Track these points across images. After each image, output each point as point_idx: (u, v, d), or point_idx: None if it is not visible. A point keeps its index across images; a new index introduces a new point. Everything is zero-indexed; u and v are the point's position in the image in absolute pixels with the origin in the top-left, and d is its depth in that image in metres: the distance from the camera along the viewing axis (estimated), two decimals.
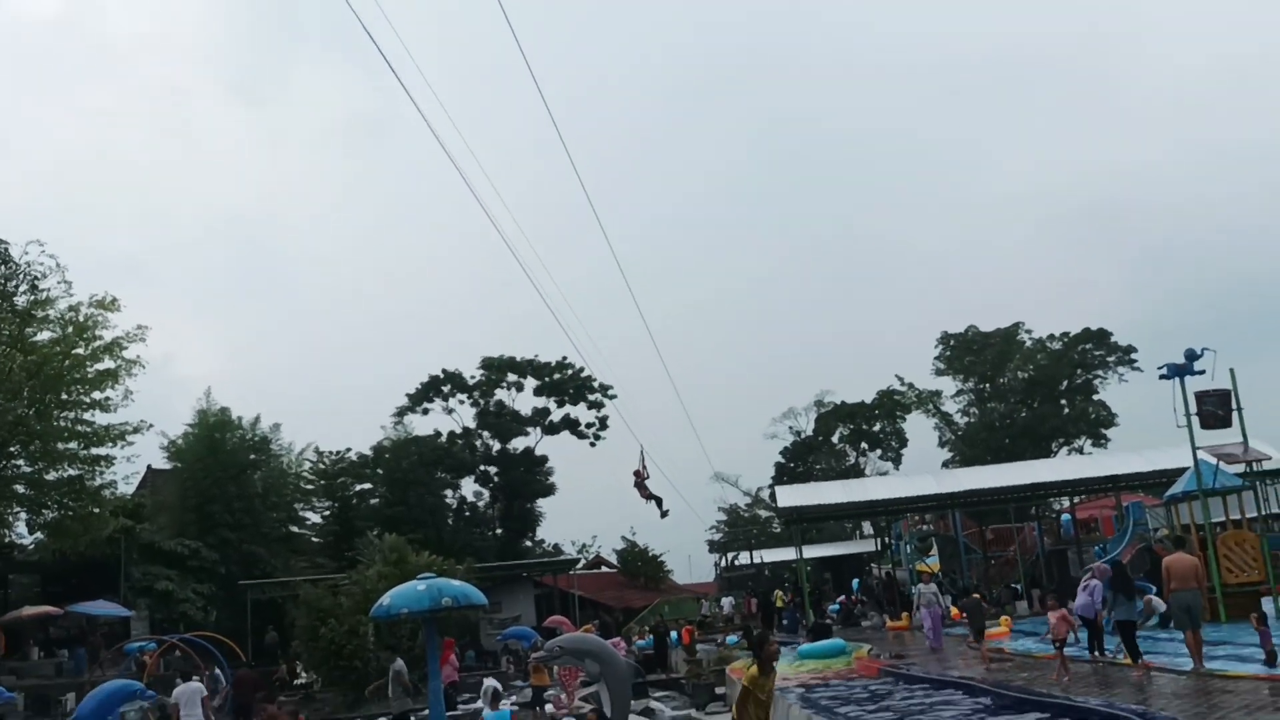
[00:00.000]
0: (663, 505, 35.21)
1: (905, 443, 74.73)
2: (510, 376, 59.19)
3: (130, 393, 31.78)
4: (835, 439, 76.49)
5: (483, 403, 59.01)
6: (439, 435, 56.84)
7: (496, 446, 58.45)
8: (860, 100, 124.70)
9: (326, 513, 49.88)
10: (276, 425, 45.20)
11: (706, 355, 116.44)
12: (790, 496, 39.73)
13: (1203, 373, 21.45)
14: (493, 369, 58.97)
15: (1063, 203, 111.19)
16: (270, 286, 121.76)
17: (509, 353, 59.44)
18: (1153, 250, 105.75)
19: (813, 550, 57.53)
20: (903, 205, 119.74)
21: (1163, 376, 21.73)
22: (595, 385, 58.76)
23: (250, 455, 43.64)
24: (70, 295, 31.12)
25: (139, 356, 31.80)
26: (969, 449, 68.07)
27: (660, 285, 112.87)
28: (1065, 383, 69.06)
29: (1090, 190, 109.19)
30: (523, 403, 59.56)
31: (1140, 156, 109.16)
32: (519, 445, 58.74)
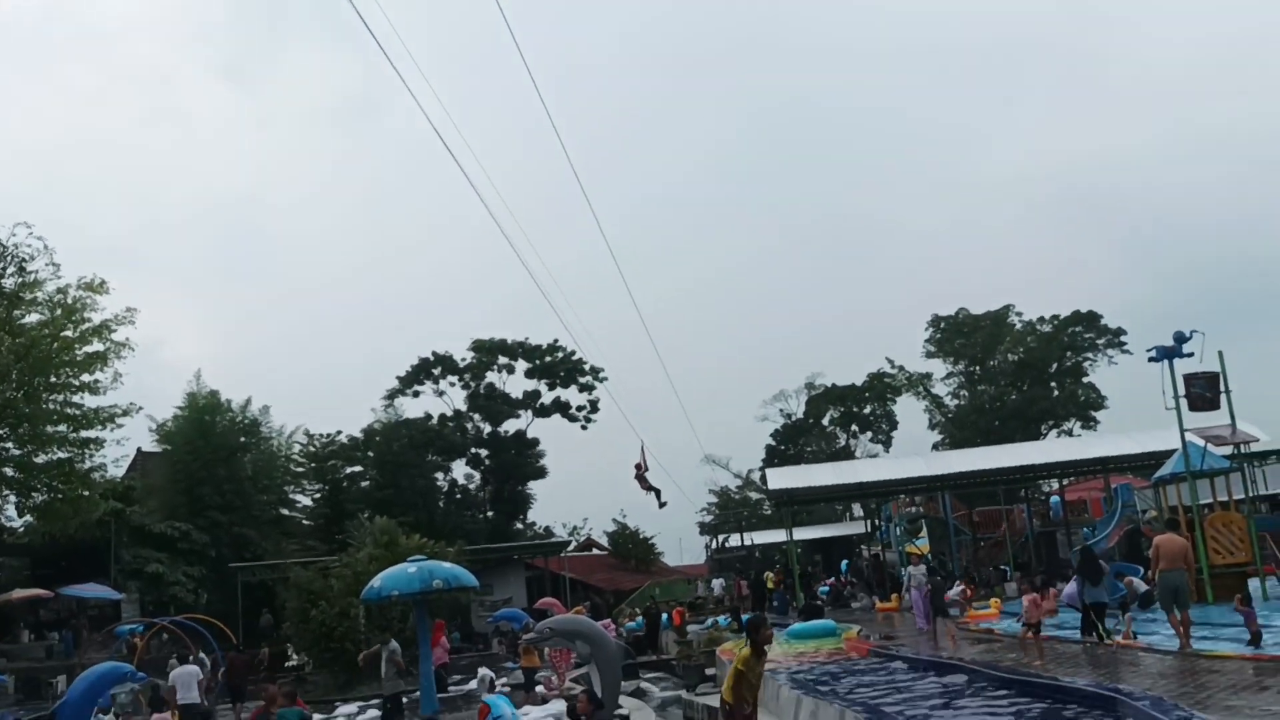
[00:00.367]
0: (661, 496, 36.36)
1: (895, 425, 75.01)
2: (501, 359, 59.04)
3: (119, 375, 31.67)
4: (826, 421, 76.65)
5: (473, 385, 58.91)
6: (429, 418, 56.73)
7: (487, 429, 58.41)
8: (851, 80, 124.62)
9: (317, 495, 49.82)
10: (266, 408, 45.14)
11: (697, 337, 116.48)
12: (781, 479, 39.78)
13: (1191, 355, 21.50)
14: (483, 351, 58.83)
15: (1053, 184, 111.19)
16: (260, 268, 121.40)
17: (500, 335, 59.45)
18: (1143, 232, 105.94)
19: (803, 532, 57.70)
20: (893, 186, 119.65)
21: (1151, 359, 21.77)
22: (586, 368, 58.76)
23: (240, 438, 43.53)
24: (58, 278, 30.97)
25: (128, 339, 31.69)
26: (959, 431, 68.27)
27: (651, 266, 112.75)
28: (1055, 365, 69.23)
29: (1080, 172, 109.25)
30: (514, 385, 59.56)
31: (1130, 138, 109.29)
32: (510, 428, 58.70)
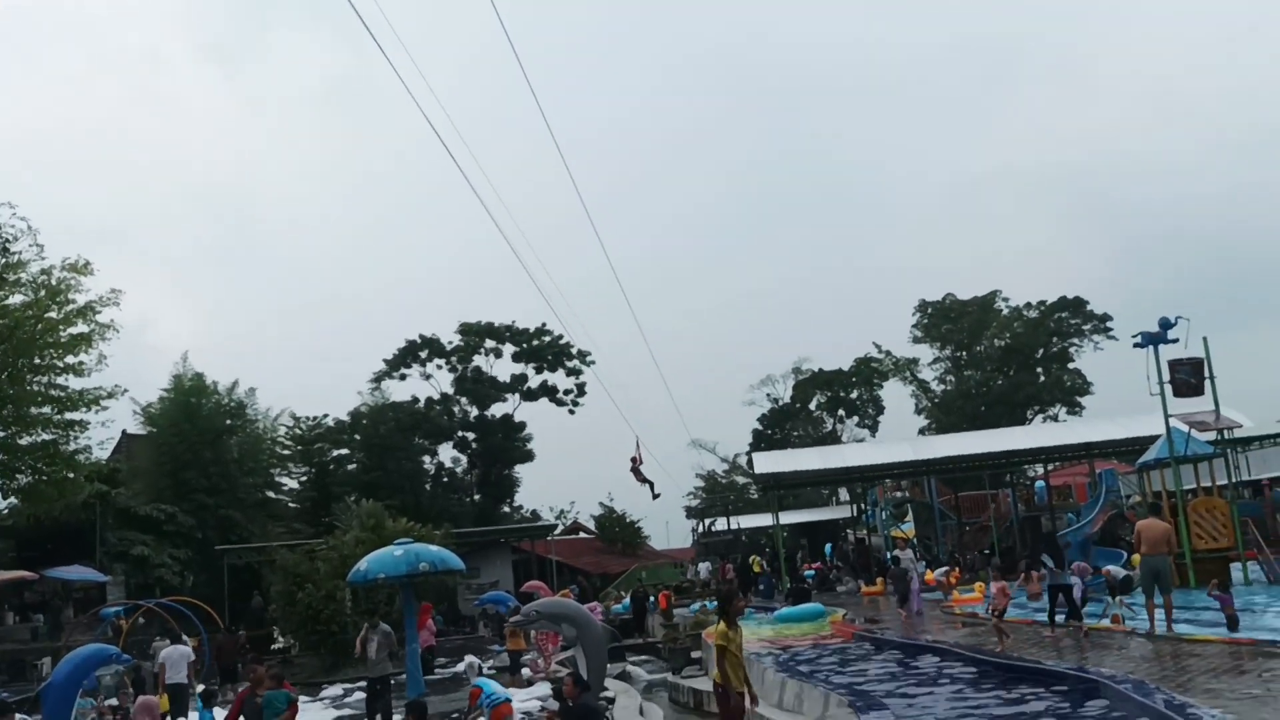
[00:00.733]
0: (655, 488, 36.99)
1: (882, 410, 75.18)
2: (488, 343, 58.94)
3: (104, 357, 31.55)
4: (813, 406, 76.77)
5: (460, 368, 58.79)
6: (416, 401, 56.61)
7: (474, 412, 58.35)
8: (840, 69, 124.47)
9: (304, 478, 49.76)
10: (252, 390, 44.98)
11: (685, 321, 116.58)
12: (767, 463, 39.88)
13: (1176, 341, 21.57)
14: (470, 335, 58.71)
15: (1041, 171, 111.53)
16: (247, 251, 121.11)
17: (487, 318, 59.36)
18: (1129, 219, 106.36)
19: (789, 516, 57.92)
20: (882, 172, 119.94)
21: (1137, 345, 21.84)
22: (574, 352, 58.71)
23: (226, 420, 43.41)
24: (42, 259, 30.81)
25: (112, 321, 31.55)
26: (945, 416, 68.45)
27: (639, 251, 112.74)
28: (1041, 351, 69.42)
29: (1068, 159, 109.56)
30: (501, 369, 59.47)
31: (1118, 126, 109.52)
32: (497, 411, 58.67)
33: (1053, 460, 42.22)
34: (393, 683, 19.46)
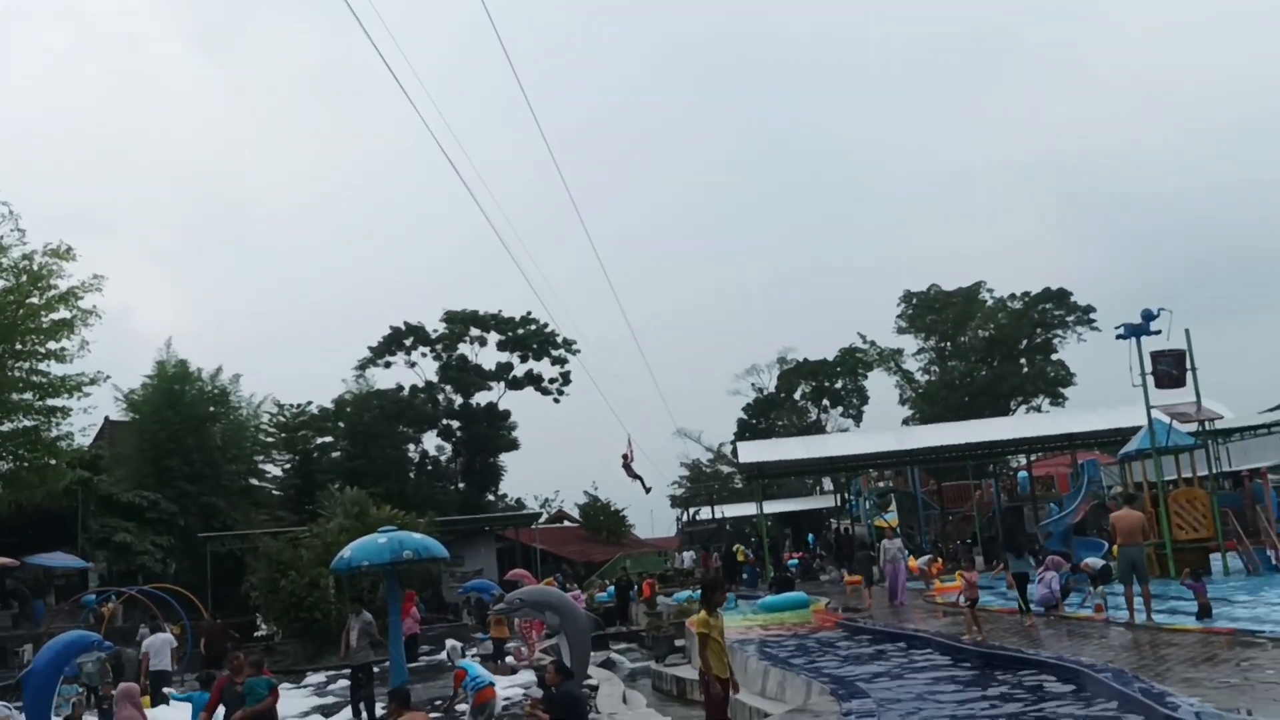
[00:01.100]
0: (645, 483, 38.20)
1: (866, 400, 75.31)
2: (473, 331, 58.87)
3: (86, 343, 31.38)
4: (797, 396, 76.88)
5: (445, 356, 58.70)
6: (401, 389, 56.48)
7: (459, 401, 58.28)
8: (827, 60, 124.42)
9: (287, 466, 49.65)
10: (236, 377, 44.86)
11: (670, 310, 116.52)
12: (752, 452, 39.85)
13: (1159, 333, 21.68)
14: (455, 323, 58.59)
15: (1026, 163, 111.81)
16: (231, 237, 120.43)
17: (472, 307, 59.27)
18: (1114, 211, 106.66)
19: (773, 505, 58.00)
20: (867, 163, 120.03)
21: (1119, 336, 21.96)
22: (559, 340, 58.65)
23: (210, 407, 43.26)
24: (24, 244, 30.59)
25: (95, 307, 31.36)
26: (929, 407, 68.63)
27: (625, 242, 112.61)
28: (1025, 342, 69.63)
29: (1053, 151, 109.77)
30: (486, 357, 59.46)
31: (1103, 118, 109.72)
32: (482, 400, 58.64)
33: (1035, 451, 42.38)
34: (376, 670, 19.48)
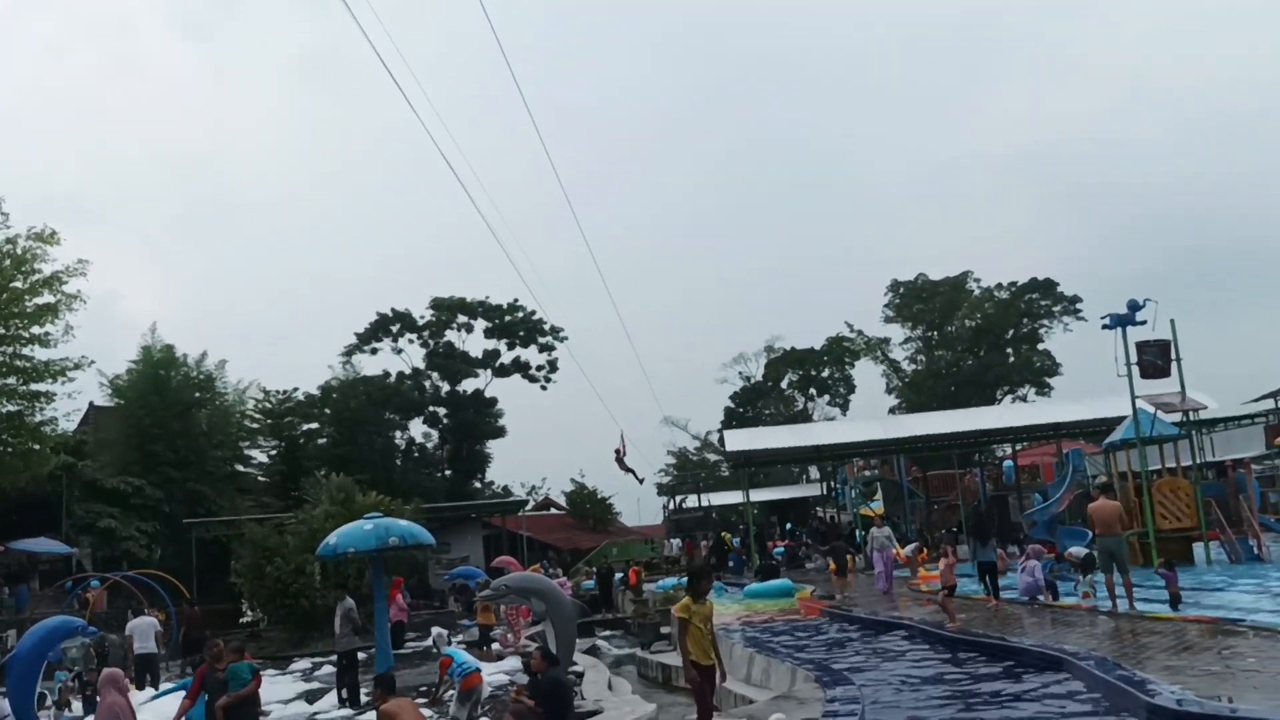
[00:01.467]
0: (638, 475, 39.15)
1: (853, 389, 75.55)
2: (460, 318, 58.76)
3: (71, 328, 31.23)
4: (784, 384, 77.03)
5: (432, 343, 58.57)
6: (388, 375, 56.31)
7: (446, 388, 58.17)
8: (814, 50, 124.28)
9: (273, 452, 49.49)
10: (222, 363, 44.61)
11: (659, 299, 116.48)
12: (738, 440, 39.96)
13: (1144, 323, 21.74)
14: (443, 310, 58.47)
15: (1013, 153, 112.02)
16: (218, 222, 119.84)
17: (459, 294, 59.12)
18: (1100, 201, 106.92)
19: (760, 494, 58.14)
20: (855, 153, 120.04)
21: (1105, 326, 22.01)
22: (546, 328, 58.60)
23: (195, 393, 43.05)
24: (7, 228, 30.43)
25: (79, 291, 31.20)
26: (915, 396, 68.84)
27: (615, 231, 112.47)
28: (1011, 331, 69.85)
29: (1040, 141, 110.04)
30: (473, 344, 59.37)
31: (1090, 109, 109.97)
32: (469, 387, 58.56)
33: (1021, 440, 42.51)
34: (362, 657, 19.47)
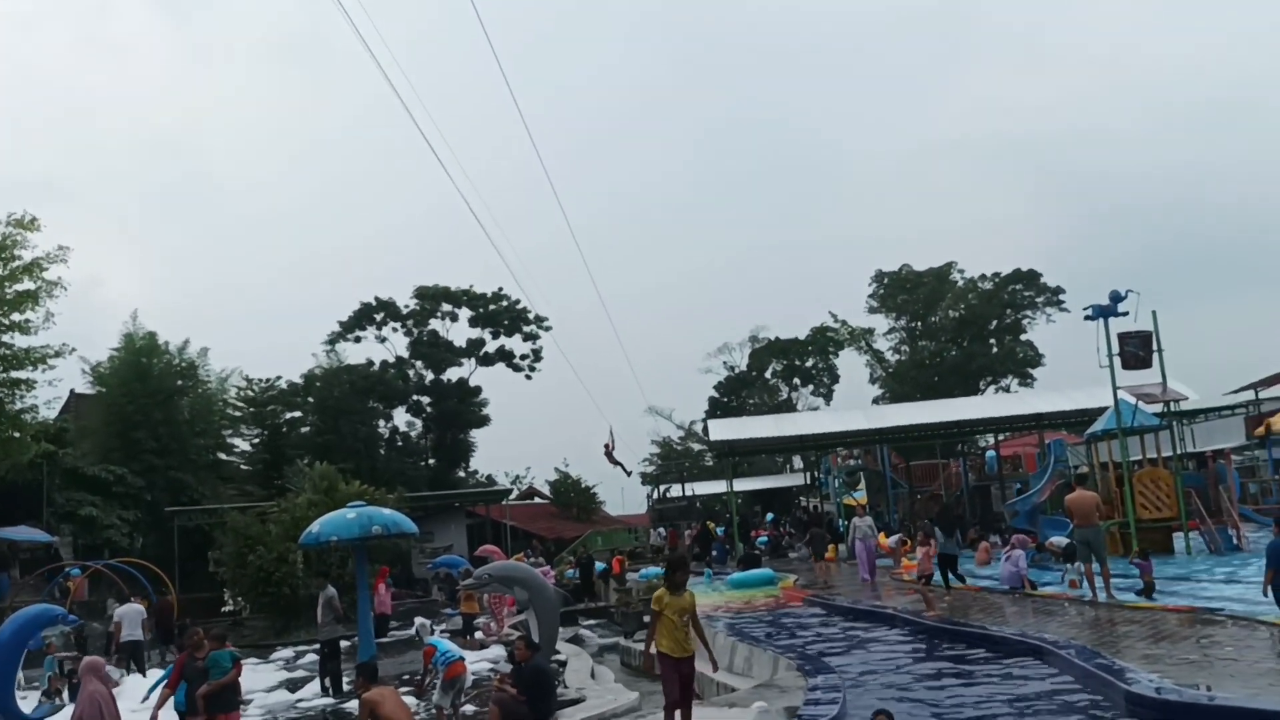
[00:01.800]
0: (626, 468, 39.56)
1: (837, 379, 75.83)
2: (445, 306, 58.58)
3: (51, 315, 30.95)
4: (768, 374, 77.20)
5: (416, 332, 58.42)
6: (371, 364, 56.11)
7: (430, 376, 58.04)
8: (795, 39, 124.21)
9: (256, 440, 49.21)
10: (204, 350, 44.24)
11: (644, 288, 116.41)
12: (722, 430, 40.01)
13: (1126, 314, 21.83)
14: (427, 298, 58.29)
15: (997, 143, 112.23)
16: (199, 208, 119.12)
17: (444, 282, 58.97)
18: (1084, 192, 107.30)
19: (744, 483, 58.28)
20: (839, 143, 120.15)
21: (1088, 317, 22.10)
22: (531, 317, 58.52)
23: (177, 381, 42.78)
24: None
25: (60, 278, 30.91)
26: (899, 386, 69.07)
27: (598, 221, 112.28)
28: (994, 322, 70.15)
29: (1024, 132, 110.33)
30: (457, 333, 59.23)
31: (1073, 99, 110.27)
32: (452, 376, 58.43)
33: (1003, 430, 42.73)
34: (345, 645, 19.46)
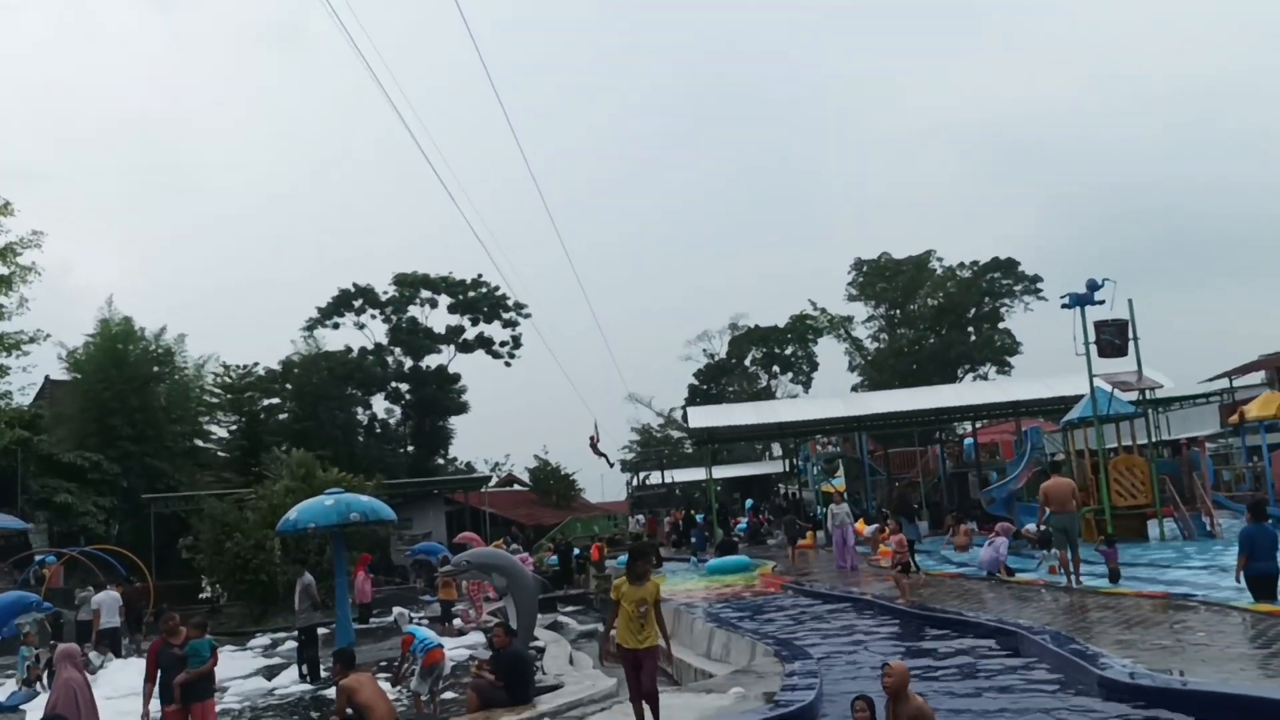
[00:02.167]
0: (610, 460, 42.17)
1: (816, 367, 76.02)
2: (424, 293, 58.38)
3: (25, 300, 30.79)
4: (748, 362, 77.32)
5: (395, 319, 58.19)
6: (350, 351, 55.88)
7: (408, 363, 57.87)
8: (775, 29, 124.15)
9: (233, 427, 48.95)
10: (182, 336, 43.97)
11: (623, 276, 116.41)
12: (702, 417, 40.00)
13: (1103, 303, 21.99)
14: (405, 285, 58.06)
15: (976, 133, 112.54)
16: (176, 193, 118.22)
17: (423, 269, 58.72)
18: (1062, 181, 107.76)
19: (723, 471, 58.38)
20: (819, 132, 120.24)
21: (1065, 306, 22.26)
22: (510, 304, 58.38)
23: (154, 367, 42.52)
24: None
25: (34, 263, 30.77)
26: (878, 374, 69.26)
27: (578, 206, 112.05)
28: (973, 310, 70.38)
29: (1003, 121, 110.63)
30: (436, 320, 59.02)
31: (1053, 89, 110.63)
32: (431, 362, 58.28)
33: (981, 418, 42.92)
34: (323, 632, 19.41)
